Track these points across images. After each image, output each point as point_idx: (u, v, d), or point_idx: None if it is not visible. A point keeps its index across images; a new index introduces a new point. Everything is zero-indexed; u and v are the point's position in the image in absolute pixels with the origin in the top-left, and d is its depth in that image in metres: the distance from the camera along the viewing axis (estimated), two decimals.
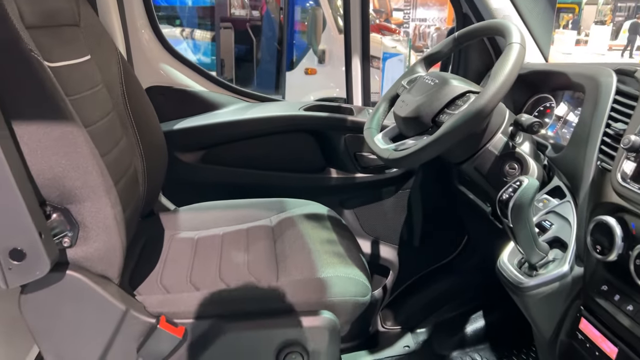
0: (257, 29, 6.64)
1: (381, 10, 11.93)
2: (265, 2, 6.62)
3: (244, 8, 7.32)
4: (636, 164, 0.81)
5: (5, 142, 0.79)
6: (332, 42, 5.29)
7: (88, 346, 0.96)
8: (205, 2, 7.36)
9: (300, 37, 5.98)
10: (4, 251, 0.82)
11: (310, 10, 5.64)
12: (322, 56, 5.68)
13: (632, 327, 0.76)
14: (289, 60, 5.86)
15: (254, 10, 6.89)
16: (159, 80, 1.60)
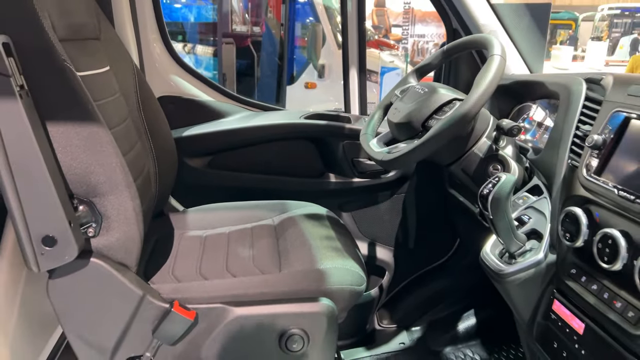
0: (258, 44, 6.81)
1: (380, 27, 12.15)
2: (266, 19, 6.78)
3: (245, 24, 7.50)
4: (599, 160, 0.91)
5: (41, 141, 0.90)
6: (332, 57, 5.43)
7: (108, 328, 1.06)
8: (208, 18, 7.54)
9: (300, 52, 6.14)
10: (37, 238, 0.92)
11: (310, 26, 5.80)
12: (321, 71, 5.81)
13: (596, 304, 0.86)
14: (289, 75, 6.01)
15: (255, 26, 7.07)
16: (169, 90, 1.71)
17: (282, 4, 6.34)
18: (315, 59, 5.71)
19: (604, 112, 0.95)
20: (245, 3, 7.74)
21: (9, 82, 0.85)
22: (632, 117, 0.88)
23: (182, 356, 1.10)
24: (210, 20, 7.54)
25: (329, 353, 1.16)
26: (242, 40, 6.82)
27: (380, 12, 12.82)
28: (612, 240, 0.83)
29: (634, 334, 0.78)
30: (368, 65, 1.83)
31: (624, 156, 0.88)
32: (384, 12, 12.86)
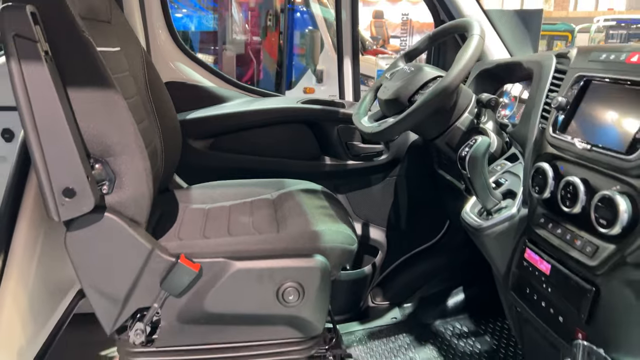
0: (257, 52, 6.98)
1: (378, 37, 12.34)
2: (267, 27, 6.94)
3: (245, 34, 7.68)
4: (563, 119, 1.02)
5: (63, 103, 1.00)
6: (330, 62, 5.56)
7: (119, 279, 1.15)
8: (209, 27, 7.71)
9: (298, 59, 6.28)
10: (58, 190, 1.02)
11: (308, 33, 5.94)
12: (320, 76, 5.93)
13: (560, 245, 0.96)
14: (288, 80, 6.15)
15: (255, 36, 7.25)
16: (174, 76, 1.82)
17: (281, 13, 6.51)
18: (313, 65, 5.84)
19: (568, 78, 1.06)
20: (245, 13, 7.92)
21: (36, 47, 0.95)
22: (592, 79, 0.99)
23: (187, 307, 1.20)
24: (211, 29, 7.71)
25: (322, 306, 1.26)
26: (242, 48, 6.98)
27: (379, 24, 13.03)
28: (573, 187, 0.93)
29: (590, 265, 0.88)
30: (365, 70, 1.95)
31: (584, 113, 0.98)
32: (382, 24, 13.07)
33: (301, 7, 6.32)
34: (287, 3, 6.24)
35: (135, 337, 1.20)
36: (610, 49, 0.99)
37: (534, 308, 1.06)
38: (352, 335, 1.84)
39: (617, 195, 0.83)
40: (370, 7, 14.90)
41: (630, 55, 0.92)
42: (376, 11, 13.59)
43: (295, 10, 6.31)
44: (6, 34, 0.93)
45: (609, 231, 0.84)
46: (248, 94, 1.94)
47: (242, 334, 1.26)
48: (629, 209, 0.81)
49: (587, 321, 0.89)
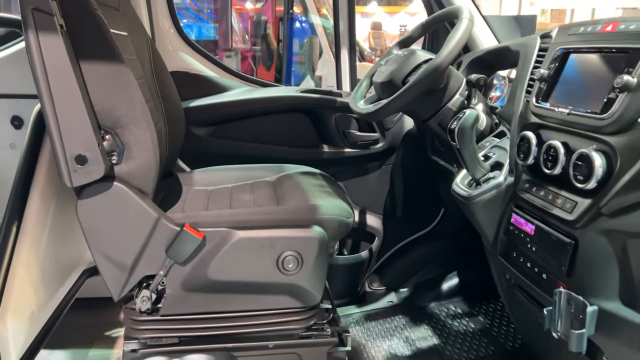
0: (256, 59, 7.09)
1: (376, 48, 12.49)
2: (266, 35, 7.07)
3: (245, 43, 7.81)
4: (545, 88, 1.09)
5: (77, 75, 1.07)
6: (328, 68, 5.64)
7: (127, 246, 1.21)
8: (209, 36, 7.84)
9: (297, 67, 6.39)
10: (71, 156, 1.08)
11: (307, 39, 6.04)
12: (318, 82, 6.01)
13: (543, 205, 1.02)
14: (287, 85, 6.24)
15: (254, 46, 7.38)
16: (177, 65, 1.90)
17: (280, 21, 6.63)
18: (312, 71, 5.92)
19: (549, 53, 1.13)
20: (245, 24, 8.05)
21: (52, 20, 1.02)
22: (570, 51, 1.06)
23: (191, 275, 1.25)
24: (211, 38, 7.83)
25: (320, 275, 1.31)
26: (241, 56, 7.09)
27: (377, 35, 13.19)
28: (554, 150, 1.00)
29: (570, 219, 0.94)
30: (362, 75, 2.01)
31: (564, 82, 1.05)
32: (380, 35, 13.23)
33: (300, 16, 6.44)
34: (286, 12, 6.37)
35: (141, 304, 1.25)
36: (588, 23, 1.06)
37: (520, 270, 1.12)
38: (350, 318, 1.90)
39: (593, 152, 0.89)
40: (368, 18, 15.09)
41: (605, 26, 0.99)
42: (374, 22, 13.77)
43: (295, 19, 6.43)
44: (25, 7, 1.00)
45: (585, 186, 0.90)
46: (248, 84, 2.01)
47: (244, 302, 1.31)
48: (604, 164, 0.88)
49: (568, 273, 0.95)
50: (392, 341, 1.75)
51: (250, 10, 7.76)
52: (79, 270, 1.53)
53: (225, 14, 7.26)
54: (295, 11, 6.33)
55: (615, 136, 0.87)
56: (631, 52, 0.88)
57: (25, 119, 1.81)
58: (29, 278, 1.22)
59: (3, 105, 1.79)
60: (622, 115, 0.86)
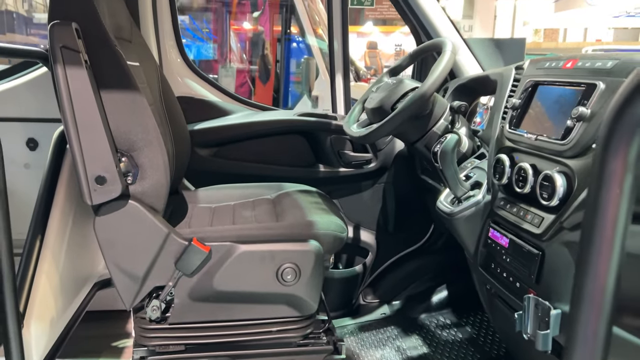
0: (254, 79, 7.27)
1: (372, 67, 12.73)
2: (264, 55, 7.26)
3: (242, 62, 8.01)
4: (516, 116, 1.22)
5: (98, 104, 1.19)
6: (324, 88, 5.79)
7: (139, 259, 1.32)
8: (208, 56, 8.04)
9: (294, 86, 6.56)
10: (92, 177, 1.20)
11: (304, 60, 6.21)
12: (315, 101, 6.17)
13: (516, 220, 1.14)
14: (285, 106, 6.41)
15: (252, 65, 7.57)
16: (183, 91, 2.03)
17: (278, 42, 6.82)
18: (308, 91, 6.08)
19: (521, 84, 1.27)
20: (243, 44, 8.25)
21: (79, 56, 1.15)
22: (539, 83, 1.20)
23: (198, 286, 1.36)
24: (210, 58, 8.02)
25: (316, 286, 1.42)
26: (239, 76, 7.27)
27: (373, 54, 13.45)
28: (524, 171, 1.12)
29: (537, 233, 1.06)
30: (358, 95, 2.14)
31: (533, 111, 1.18)
32: (376, 54, 13.49)
33: (297, 37, 6.62)
34: (283, 33, 6.57)
35: (151, 313, 1.36)
36: (553, 59, 1.19)
37: (498, 279, 1.24)
38: (345, 328, 2.00)
39: (556, 173, 1.02)
40: (364, 38, 15.38)
41: (566, 62, 1.12)
42: (370, 42, 14.03)
43: (292, 40, 6.62)
44: (55, 45, 1.13)
45: (550, 203, 1.02)
46: (249, 108, 2.14)
47: (245, 312, 1.42)
48: (564, 184, 1.00)
49: (537, 280, 1.07)
50: (385, 351, 1.85)
51: (248, 30, 7.97)
52: (91, 282, 1.64)
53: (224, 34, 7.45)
54: (292, 31, 6.52)
55: (573, 159, 1.00)
56: (586, 86, 1.01)
57: (39, 141, 1.93)
58: (50, 288, 1.33)
59: (19, 128, 1.91)
60: (579, 141, 0.98)
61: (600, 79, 0.99)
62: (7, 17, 6.67)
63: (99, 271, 1.70)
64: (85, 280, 1.60)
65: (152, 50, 1.93)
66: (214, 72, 7.16)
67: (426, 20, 1.94)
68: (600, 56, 1.04)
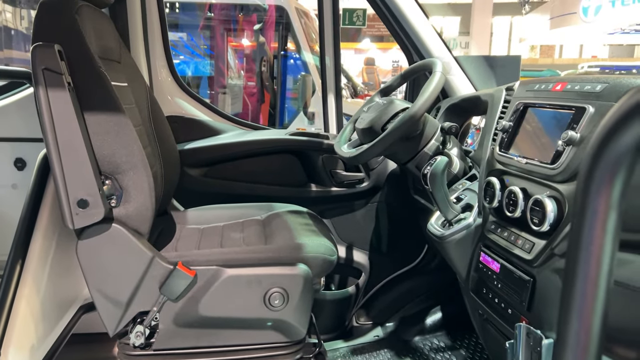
0: (252, 95, 7.28)
1: (370, 83, 12.80)
2: (261, 72, 7.28)
3: (240, 79, 8.03)
4: (507, 139, 1.20)
5: (81, 126, 1.17)
6: (321, 105, 5.79)
7: (123, 284, 1.29)
8: (205, 72, 8.07)
9: (291, 102, 6.57)
10: (74, 200, 1.18)
11: (300, 77, 6.23)
12: (311, 117, 6.17)
13: (506, 245, 1.12)
14: (281, 122, 6.41)
15: (249, 81, 7.59)
16: (173, 110, 2.01)
17: (275, 59, 6.85)
18: (305, 107, 6.09)
19: (511, 106, 1.25)
20: (241, 59, 8.29)
21: (61, 78, 1.13)
22: (529, 105, 1.18)
23: (183, 311, 1.33)
24: (207, 74, 8.05)
25: (305, 311, 1.39)
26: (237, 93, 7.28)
27: (370, 70, 13.53)
28: (514, 195, 1.10)
29: (528, 259, 1.03)
30: (355, 112, 2.13)
31: (522, 134, 1.16)
32: (373, 70, 13.57)
33: (294, 54, 6.65)
34: (280, 50, 6.60)
35: (135, 339, 1.32)
36: (542, 81, 1.18)
37: (489, 305, 1.21)
38: (337, 352, 1.95)
39: (546, 198, 0.99)
40: (362, 54, 15.49)
41: (555, 85, 1.11)
42: (367, 58, 14.13)
43: (289, 57, 6.65)
44: (37, 67, 1.11)
45: (540, 228, 1.00)
46: (240, 127, 2.12)
47: (232, 337, 1.38)
48: (555, 209, 0.98)
49: (528, 308, 1.04)
50: None
51: (246, 47, 8.01)
52: (75, 306, 1.60)
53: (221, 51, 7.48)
54: (289, 48, 6.55)
55: (564, 184, 0.98)
56: (575, 110, 1.00)
57: (27, 161, 1.91)
58: (31, 313, 1.30)
59: (7, 148, 1.89)
60: (569, 166, 0.96)
61: (589, 102, 0.98)
62: (5, 33, 6.68)
63: (84, 294, 1.67)
64: (69, 304, 1.57)
65: (143, 70, 1.92)
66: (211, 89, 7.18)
67: (417, 39, 1.93)
68: (589, 79, 1.03)
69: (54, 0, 1.23)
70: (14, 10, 6.98)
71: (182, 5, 6.90)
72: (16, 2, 6.82)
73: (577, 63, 17.97)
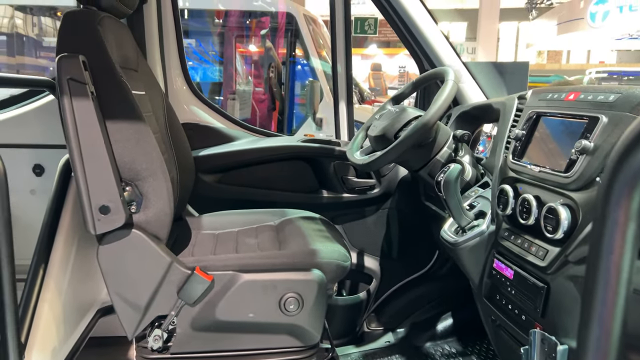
0: (261, 102, 7.33)
1: (377, 89, 12.82)
2: (269, 78, 7.34)
3: (248, 85, 8.09)
4: (520, 147, 1.22)
5: (103, 134, 1.21)
6: (329, 111, 5.83)
7: (142, 288, 1.32)
8: (214, 79, 8.14)
9: (299, 108, 6.62)
10: (96, 207, 1.21)
11: (309, 83, 6.27)
12: (319, 123, 6.20)
13: (520, 252, 1.13)
14: (290, 128, 6.45)
15: (257, 87, 7.65)
16: (188, 118, 2.05)
17: (283, 65, 6.89)
18: (313, 113, 6.12)
19: (524, 114, 1.27)
20: (249, 66, 8.35)
21: (85, 88, 1.16)
22: (541, 114, 1.20)
23: (200, 315, 1.35)
24: (216, 80, 8.11)
25: (319, 316, 1.41)
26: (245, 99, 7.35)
27: (377, 76, 13.55)
28: (528, 202, 1.12)
29: (542, 265, 1.05)
30: (362, 118, 2.16)
31: (535, 142, 1.18)
32: (380, 76, 13.59)
33: (302, 60, 6.70)
34: (288, 56, 6.64)
35: (153, 343, 1.35)
36: (555, 90, 1.20)
37: (503, 311, 1.22)
38: (349, 357, 1.97)
39: (560, 206, 1.01)
40: (368, 60, 15.53)
41: (568, 95, 1.12)
42: (374, 64, 14.15)
43: (297, 63, 6.69)
44: (62, 77, 1.15)
45: (554, 236, 1.02)
46: (253, 134, 2.15)
47: (248, 342, 1.41)
48: (569, 217, 1.00)
49: (542, 314, 1.06)
50: None
51: (254, 53, 8.07)
52: (93, 310, 1.63)
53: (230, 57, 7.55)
54: (297, 54, 6.59)
55: (577, 192, 1.00)
56: (589, 119, 1.01)
57: (45, 167, 1.95)
58: (53, 317, 1.33)
59: (26, 155, 1.92)
60: (582, 174, 0.98)
61: (602, 112, 1.00)
62: (17, 40, 6.78)
63: (101, 298, 1.69)
64: (88, 308, 1.59)
65: (158, 79, 1.95)
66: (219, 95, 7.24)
67: (428, 47, 1.95)
68: (602, 89, 1.04)
69: (78, 12, 1.26)
70: (25, 17, 7.08)
71: (191, 12, 6.97)
72: (27, 10, 6.91)
73: (585, 68, 17.91)
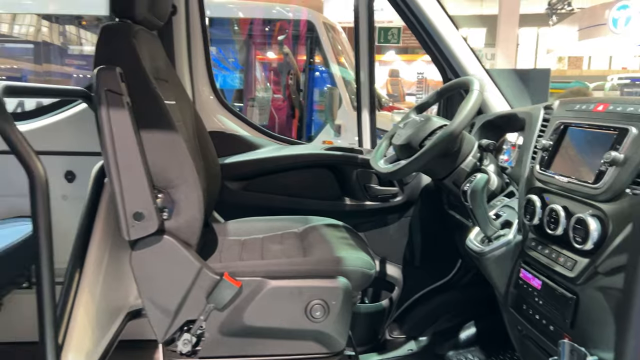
0: (280, 109, 7.40)
1: (395, 95, 12.81)
2: (288, 86, 7.40)
3: (267, 92, 8.17)
4: (547, 158, 1.22)
5: (138, 143, 1.25)
6: (347, 118, 5.86)
7: (173, 292, 1.35)
8: (234, 85, 8.24)
9: (317, 114, 6.65)
10: (130, 213, 1.24)
11: (327, 90, 6.29)
12: (338, 130, 6.21)
13: (548, 263, 1.14)
14: (308, 134, 6.49)
15: (276, 94, 7.72)
16: (215, 126, 2.09)
17: (302, 72, 6.95)
18: (332, 120, 6.15)
19: (551, 125, 1.28)
20: (267, 73, 8.43)
21: (121, 99, 1.21)
22: (569, 125, 1.20)
23: (228, 320, 1.38)
24: (237, 87, 8.21)
25: (344, 323, 1.43)
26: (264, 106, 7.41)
27: (395, 82, 13.55)
28: (556, 213, 1.12)
29: (571, 276, 1.05)
30: (381, 125, 2.19)
31: (563, 153, 1.19)
32: (398, 82, 13.59)
33: (321, 66, 6.73)
34: (307, 63, 6.69)
35: (182, 347, 1.38)
36: (583, 101, 1.20)
37: (530, 322, 1.23)
38: None
39: (589, 217, 1.02)
40: (386, 66, 15.54)
41: (596, 106, 1.13)
42: (392, 70, 14.16)
43: (315, 69, 6.73)
44: (100, 89, 1.19)
45: (583, 247, 1.02)
46: (278, 142, 2.19)
47: (274, 347, 1.43)
48: (598, 228, 1.00)
49: (571, 325, 1.06)
50: None
51: (274, 60, 8.15)
52: (123, 312, 1.68)
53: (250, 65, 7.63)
54: (315, 61, 6.63)
55: (607, 204, 1.00)
56: (618, 131, 1.02)
57: (77, 173, 2.00)
58: (87, 320, 1.37)
59: (58, 161, 1.98)
60: (612, 186, 0.99)
61: (632, 124, 1.00)
62: (43, 48, 6.95)
63: (130, 301, 1.74)
64: (118, 311, 1.64)
65: (186, 88, 2.00)
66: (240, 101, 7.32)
67: (450, 55, 1.96)
68: (632, 101, 1.05)
69: (115, 25, 1.31)
70: (51, 26, 7.26)
71: (212, 20, 7.07)
72: (52, 19, 7.09)
73: (606, 74, 17.64)
